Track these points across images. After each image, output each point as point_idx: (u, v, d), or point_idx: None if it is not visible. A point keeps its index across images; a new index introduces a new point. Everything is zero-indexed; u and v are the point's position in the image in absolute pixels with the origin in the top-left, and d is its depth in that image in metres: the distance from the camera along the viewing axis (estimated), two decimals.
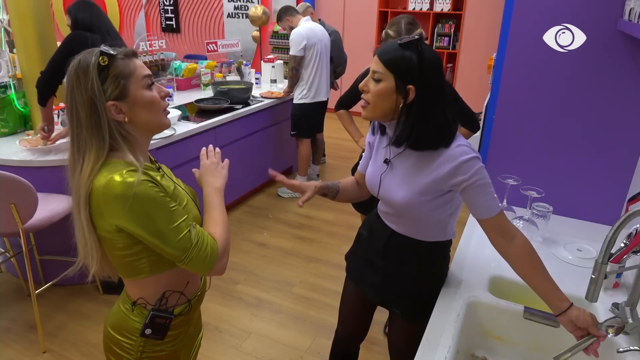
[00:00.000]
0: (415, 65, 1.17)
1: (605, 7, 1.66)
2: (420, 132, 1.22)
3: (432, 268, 1.44)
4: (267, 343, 2.43)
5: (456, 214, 1.39)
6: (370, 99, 1.23)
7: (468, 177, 1.20)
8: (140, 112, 1.06)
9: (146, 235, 1.02)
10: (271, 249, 3.32)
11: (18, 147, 2.60)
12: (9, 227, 2.18)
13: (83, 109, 1.01)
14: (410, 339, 1.43)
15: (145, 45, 3.71)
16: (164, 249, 1.04)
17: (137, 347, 1.17)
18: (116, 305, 1.24)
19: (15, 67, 2.89)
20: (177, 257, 1.05)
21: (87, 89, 1.00)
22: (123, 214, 1.00)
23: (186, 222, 1.06)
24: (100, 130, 1.02)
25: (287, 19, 3.89)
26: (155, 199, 1.02)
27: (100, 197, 1.01)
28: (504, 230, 1.22)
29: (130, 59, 1.06)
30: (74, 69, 1.02)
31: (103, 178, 1.00)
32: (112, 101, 1.02)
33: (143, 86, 1.06)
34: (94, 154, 1.02)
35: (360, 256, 1.57)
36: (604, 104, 1.77)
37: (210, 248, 1.08)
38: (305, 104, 3.89)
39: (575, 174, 1.89)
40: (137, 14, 7.36)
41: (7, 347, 2.35)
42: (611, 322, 1.12)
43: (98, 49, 1.03)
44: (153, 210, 1.02)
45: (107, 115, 1.02)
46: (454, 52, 5.96)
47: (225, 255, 1.13)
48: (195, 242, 1.05)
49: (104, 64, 1.01)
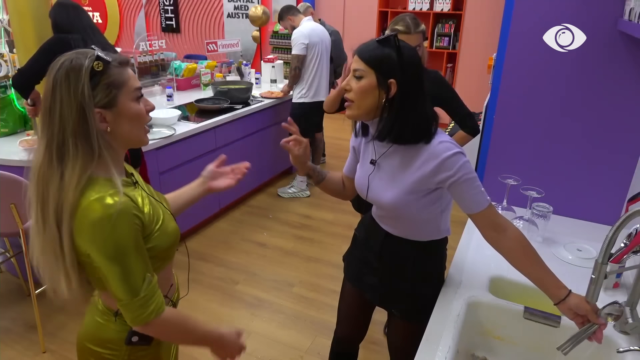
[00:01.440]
0: (395, 60, 1.19)
1: (605, 7, 1.66)
2: (403, 125, 1.23)
3: (428, 267, 1.44)
4: (267, 343, 2.43)
5: (448, 211, 1.40)
6: (353, 97, 1.24)
7: (453, 173, 1.21)
8: (124, 123, 1.01)
9: (104, 263, 0.97)
10: (271, 249, 3.32)
11: (18, 147, 2.60)
12: (9, 227, 2.18)
13: (71, 113, 0.94)
14: (409, 338, 1.43)
15: (145, 45, 3.71)
16: (112, 284, 0.98)
17: (122, 356, 1.13)
18: (89, 319, 1.17)
19: (15, 67, 2.89)
20: (119, 298, 0.99)
21: (76, 92, 0.94)
22: (93, 239, 0.96)
23: (145, 272, 1.01)
24: (89, 139, 0.96)
25: (289, 18, 3.89)
26: (128, 233, 0.97)
27: (77, 217, 0.96)
28: (495, 223, 1.23)
29: (124, 67, 1.02)
30: (64, 68, 0.95)
31: (84, 199, 0.95)
32: (99, 109, 0.97)
33: (132, 98, 1.02)
34: (79, 164, 0.96)
35: (357, 257, 1.58)
36: (604, 104, 1.77)
37: (154, 309, 1.01)
38: (304, 104, 3.89)
39: (575, 174, 1.89)
40: (137, 14, 7.37)
41: (7, 347, 2.35)
42: (609, 309, 1.12)
43: (93, 52, 0.98)
44: (122, 243, 0.97)
45: (95, 123, 0.97)
46: (454, 52, 5.96)
47: (158, 327, 1.05)
48: (143, 295, 0.99)
49: (98, 69, 0.96)
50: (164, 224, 1.09)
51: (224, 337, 1.17)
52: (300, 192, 4.17)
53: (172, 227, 1.12)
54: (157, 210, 1.09)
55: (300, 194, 4.17)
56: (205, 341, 1.15)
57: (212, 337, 1.16)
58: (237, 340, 1.20)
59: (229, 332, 1.19)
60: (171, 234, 1.11)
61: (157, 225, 1.06)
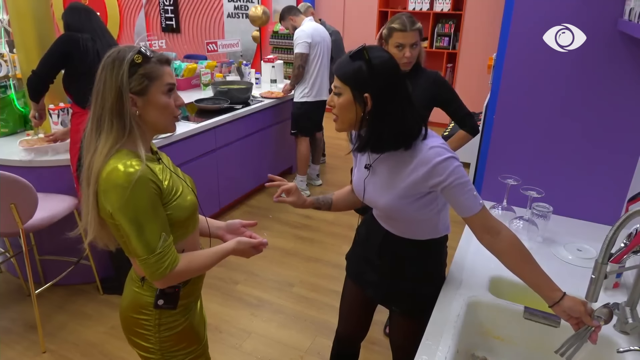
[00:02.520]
0: (366, 73, 1.20)
1: (605, 7, 1.66)
2: (378, 137, 1.25)
3: (428, 266, 1.46)
4: (267, 343, 2.43)
5: (446, 210, 1.41)
6: (336, 112, 1.28)
7: (444, 179, 1.22)
8: (152, 111, 1.16)
9: (125, 222, 1.10)
10: (271, 249, 3.32)
11: (18, 147, 2.60)
12: (9, 227, 2.18)
13: (110, 94, 1.11)
14: (409, 335, 1.44)
15: (145, 45, 3.71)
16: (132, 241, 1.12)
17: (153, 320, 1.26)
18: (127, 290, 1.31)
19: (15, 67, 2.89)
20: (138, 254, 1.13)
21: (117, 77, 1.10)
22: (116, 201, 1.09)
23: (161, 231, 1.13)
24: (122, 117, 1.12)
25: (290, 18, 3.90)
26: (147, 196, 1.11)
27: (102, 181, 1.10)
28: (488, 226, 1.24)
29: (162, 65, 1.16)
30: (111, 57, 1.12)
31: (109, 166, 1.09)
32: (132, 94, 1.12)
33: (163, 91, 1.16)
34: (113, 136, 1.12)
35: (359, 255, 1.60)
36: (604, 104, 1.77)
37: (169, 264, 1.15)
38: (306, 103, 3.90)
39: (575, 174, 1.89)
40: (137, 14, 7.36)
41: (7, 347, 2.35)
42: (599, 312, 1.13)
43: (137, 47, 1.14)
44: (141, 205, 1.10)
45: (129, 105, 1.12)
46: (454, 52, 5.96)
47: (173, 279, 1.19)
48: (159, 251, 1.13)
49: (138, 61, 1.11)
50: (182, 196, 1.21)
51: (236, 247, 1.30)
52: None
53: (189, 200, 1.24)
54: (177, 184, 1.22)
55: None
56: (223, 257, 1.29)
57: (227, 252, 1.29)
58: (251, 241, 1.33)
59: (238, 240, 1.31)
60: (188, 206, 1.23)
61: (174, 196, 1.19)
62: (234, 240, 1.32)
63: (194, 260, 1.22)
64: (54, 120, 2.73)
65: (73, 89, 2.51)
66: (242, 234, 1.45)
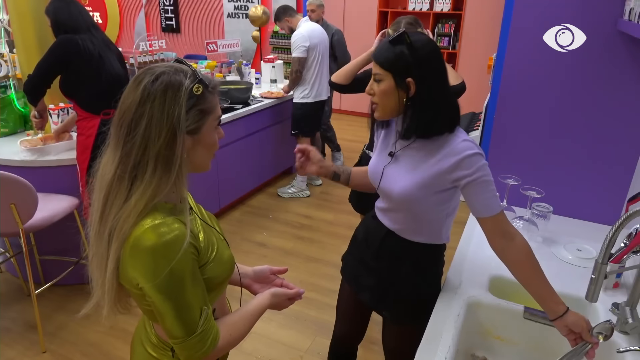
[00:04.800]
0: (409, 58, 1.19)
1: (605, 7, 1.66)
2: (428, 121, 1.23)
3: (424, 272, 1.42)
4: (267, 343, 2.43)
5: (452, 216, 1.38)
6: (376, 100, 1.26)
7: (470, 173, 1.20)
8: (201, 151, 0.95)
9: (160, 300, 0.89)
10: (271, 249, 3.32)
11: (18, 147, 2.60)
12: (9, 227, 2.18)
13: (160, 134, 0.86)
14: (400, 340, 1.44)
15: (145, 45, 3.71)
16: (167, 321, 0.91)
17: None
18: (140, 351, 1.08)
19: (15, 67, 2.89)
20: (174, 336, 0.92)
21: (171, 113, 0.86)
22: (149, 273, 0.87)
23: (201, 305, 0.93)
24: (170, 165, 0.88)
25: (286, 19, 3.87)
26: (188, 268, 0.90)
27: (132, 246, 0.87)
28: (504, 230, 1.21)
29: (213, 94, 0.95)
30: (162, 83, 0.87)
31: (141, 227, 0.87)
32: (185, 134, 0.89)
33: (214, 127, 0.96)
34: (153, 187, 0.88)
35: (355, 257, 1.56)
36: (604, 104, 1.77)
37: (211, 342, 0.95)
38: (306, 104, 3.89)
39: (575, 174, 1.89)
40: (137, 14, 7.36)
41: (7, 347, 2.35)
42: (600, 328, 1.12)
43: (191, 70, 0.91)
44: (181, 279, 0.89)
45: (181, 149, 0.88)
46: (454, 52, 5.96)
47: (214, 356, 0.99)
48: (200, 331, 0.92)
49: (197, 93, 0.89)
50: (219, 253, 1.01)
51: (272, 302, 1.13)
52: (300, 192, 4.17)
53: (227, 255, 1.04)
54: (211, 236, 1.01)
55: (300, 194, 4.17)
56: (260, 316, 1.10)
57: (263, 310, 1.11)
58: (287, 292, 1.17)
59: (273, 293, 1.14)
60: (227, 263, 1.03)
61: (212, 254, 0.98)
62: (268, 293, 1.13)
63: (234, 331, 1.02)
64: (54, 120, 2.73)
65: (77, 95, 2.38)
66: (272, 282, 1.27)
